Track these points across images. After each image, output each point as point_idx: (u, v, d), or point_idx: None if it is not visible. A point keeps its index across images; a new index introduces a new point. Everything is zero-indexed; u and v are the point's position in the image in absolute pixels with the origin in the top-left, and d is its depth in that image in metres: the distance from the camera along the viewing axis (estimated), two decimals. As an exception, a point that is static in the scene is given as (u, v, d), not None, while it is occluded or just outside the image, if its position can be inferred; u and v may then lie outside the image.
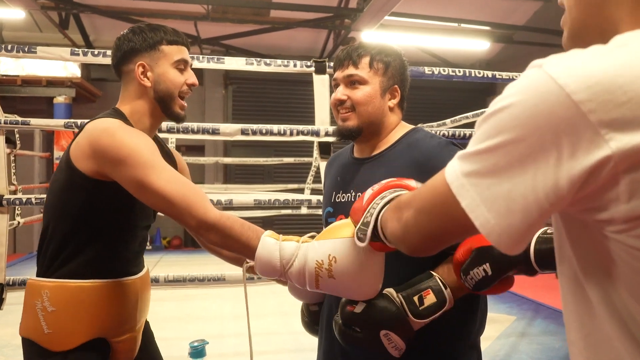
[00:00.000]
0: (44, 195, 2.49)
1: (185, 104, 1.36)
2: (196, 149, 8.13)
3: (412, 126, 1.32)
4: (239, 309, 4.01)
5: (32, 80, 6.97)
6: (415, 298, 1.05)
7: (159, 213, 1.39)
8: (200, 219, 1.10)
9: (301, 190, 6.56)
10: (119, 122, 1.22)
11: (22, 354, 1.29)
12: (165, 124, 2.44)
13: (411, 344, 1.06)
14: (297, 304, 1.31)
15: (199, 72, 2.55)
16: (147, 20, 6.94)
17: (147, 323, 1.50)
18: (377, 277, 1.05)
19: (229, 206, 2.79)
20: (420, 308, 1.04)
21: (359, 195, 1.20)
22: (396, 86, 1.28)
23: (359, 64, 1.25)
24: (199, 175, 8.61)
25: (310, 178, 6.42)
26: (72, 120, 2.37)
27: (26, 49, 2.32)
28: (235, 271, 2.64)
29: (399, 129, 1.30)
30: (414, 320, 1.04)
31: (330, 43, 8.13)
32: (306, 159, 6.58)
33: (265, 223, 8.79)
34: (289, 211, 6.57)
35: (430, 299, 1.05)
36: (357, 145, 1.34)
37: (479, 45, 7.73)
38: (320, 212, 3.16)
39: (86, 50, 2.35)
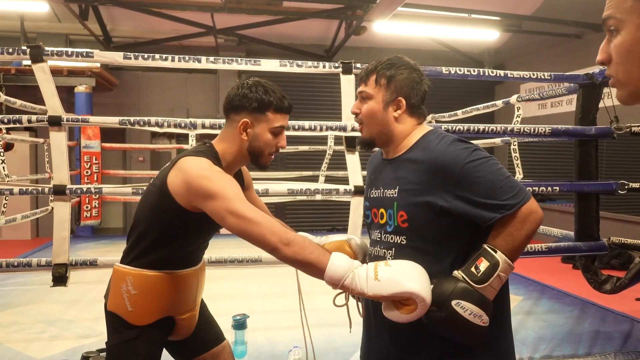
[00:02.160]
0: (102, 186, 2.75)
1: (272, 158, 1.61)
2: (212, 137, 8.34)
3: (430, 128, 1.46)
4: (265, 288, 4.31)
5: (54, 71, 7.04)
6: (472, 269, 1.24)
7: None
8: (282, 236, 1.27)
9: (316, 177, 6.81)
10: (208, 165, 1.44)
11: (73, 328, 1.58)
12: (208, 121, 2.68)
13: (490, 314, 1.21)
14: (316, 284, 1.48)
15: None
16: (164, 12, 7.14)
17: (202, 300, 1.82)
18: (419, 276, 1.22)
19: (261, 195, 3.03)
20: (478, 275, 1.22)
21: (385, 192, 1.45)
22: (400, 98, 1.40)
23: (367, 81, 1.44)
24: (214, 161, 8.85)
25: (324, 165, 6.65)
26: (126, 118, 2.61)
27: (84, 54, 2.56)
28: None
29: (416, 132, 1.43)
30: (477, 286, 1.21)
31: (342, 32, 8.28)
32: (321, 147, 6.79)
33: (278, 209, 9.06)
34: (303, 197, 6.82)
35: (483, 265, 1.23)
36: (383, 150, 1.52)
37: (489, 35, 7.88)
38: (335, 198, 3.38)
39: (137, 54, 2.58)
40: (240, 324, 2.65)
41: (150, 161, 8.84)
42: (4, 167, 4.57)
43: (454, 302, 1.20)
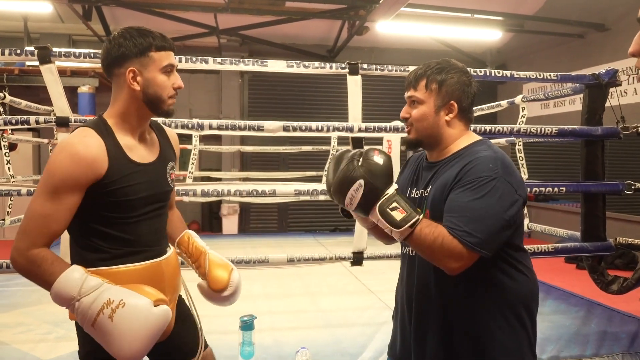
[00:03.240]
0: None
1: (174, 101, 1.45)
2: (214, 137, 8.36)
3: (480, 137, 1.46)
4: (269, 289, 4.31)
5: (58, 71, 7.18)
6: (394, 204, 1.26)
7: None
8: (21, 249, 1.27)
9: (319, 177, 6.81)
10: (76, 140, 1.33)
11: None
12: (216, 122, 2.69)
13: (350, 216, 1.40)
14: (322, 285, 1.45)
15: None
16: (168, 13, 7.15)
17: (181, 299, 1.63)
18: (145, 345, 1.22)
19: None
20: (386, 209, 1.26)
21: (422, 192, 1.45)
22: (452, 102, 1.41)
23: (417, 86, 1.44)
24: (216, 162, 8.86)
25: (327, 166, 6.65)
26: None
27: (92, 55, 2.56)
28: (281, 251, 2.91)
29: (464, 139, 1.44)
30: (376, 207, 1.26)
31: (344, 33, 8.28)
32: (324, 148, 6.79)
33: (280, 209, 9.07)
34: (307, 197, 6.82)
35: (397, 215, 1.26)
36: (427, 152, 1.52)
37: (492, 35, 7.88)
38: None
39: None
40: (248, 325, 2.64)
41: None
42: (9, 168, 4.57)
43: (360, 181, 1.27)
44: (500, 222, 1.26)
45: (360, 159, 1.29)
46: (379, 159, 1.29)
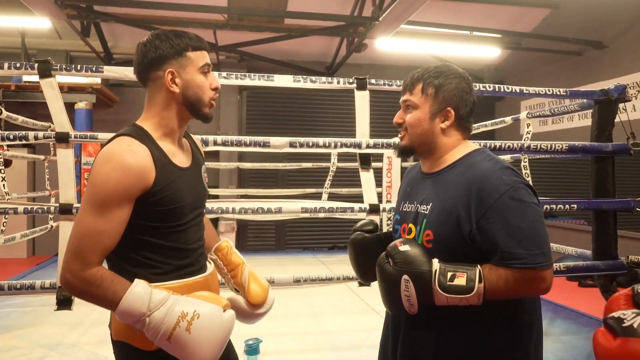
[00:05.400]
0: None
1: (214, 104, 1.42)
2: (212, 154, 8.29)
3: (477, 146, 1.37)
4: (271, 310, 4.19)
5: (54, 87, 7.12)
6: (450, 273, 1.17)
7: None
8: (76, 272, 1.20)
9: (318, 195, 6.73)
10: (114, 151, 1.25)
11: (75, 353, 1.37)
12: (220, 138, 2.61)
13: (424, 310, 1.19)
14: (326, 305, 1.39)
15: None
16: (167, 29, 7.13)
17: None
18: (220, 350, 1.23)
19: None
20: (448, 283, 1.16)
21: (418, 207, 1.37)
22: (449, 108, 1.32)
23: (413, 90, 1.36)
24: (213, 179, 8.76)
25: (328, 182, 6.58)
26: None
27: (94, 69, 2.49)
28: (284, 274, 2.81)
29: (460, 148, 1.35)
30: (436, 288, 1.16)
31: (343, 49, 8.28)
32: (324, 164, 6.73)
33: (278, 226, 8.96)
34: (306, 215, 6.74)
35: (460, 280, 1.16)
36: (421, 162, 1.44)
37: (490, 52, 7.91)
38: (339, 215, 3.32)
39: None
40: (253, 349, 2.55)
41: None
42: (4, 185, 4.46)
43: (405, 277, 1.18)
44: (543, 225, 1.21)
45: (390, 260, 1.23)
46: (405, 248, 1.22)
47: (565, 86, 3.26)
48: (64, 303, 2.50)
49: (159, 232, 1.31)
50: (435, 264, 1.19)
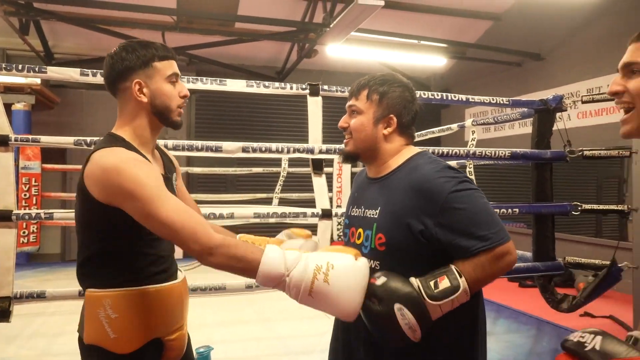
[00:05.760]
0: (54, 210, 2.55)
1: (182, 111, 1.45)
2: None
3: (419, 150, 1.43)
4: (221, 315, 4.14)
5: (-11, 87, 6.74)
6: (432, 283, 1.20)
7: None
8: (204, 244, 1.19)
9: (269, 200, 6.71)
10: (122, 155, 1.29)
11: None
12: (171, 142, 2.56)
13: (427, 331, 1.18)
14: (278, 311, 1.40)
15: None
16: (114, 29, 6.91)
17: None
18: (361, 296, 1.21)
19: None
20: (435, 291, 1.18)
21: (366, 212, 1.41)
22: (392, 115, 1.38)
23: (358, 96, 1.41)
24: (161, 183, 8.54)
25: (278, 188, 6.57)
26: (81, 138, 2.44)
27: (37, 69, 2.39)
28: (236, 280, 2.78)
29: (403, 153, 1.40)
30: (428, 301, 1.17)
31: (294, 54, 8.31)
32: (275, 169, 6.71)
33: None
34: (257, 220, 6.68)
35: (444, 283, 1.19)
36: (367, 167, 1.49)
37: (437, 61, 8.16)
38: (290, 221, 3.33)
39: (95, 71, 2.43)
40: (204, 357, 2.51)
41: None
42: None
43: (397, 306, 1.17)
44: (491, 207, 1.28)
45: (374, 299, 1.20)
46: (381, 280, 1.22)
47: (506, 95, 3.41)
48: (1, 315, 2.36)
49: (140, 240, 1.36)
50: (414, 281, 1.22)
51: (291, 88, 2.80)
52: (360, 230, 1.40)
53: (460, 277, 1.20)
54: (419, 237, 1.27)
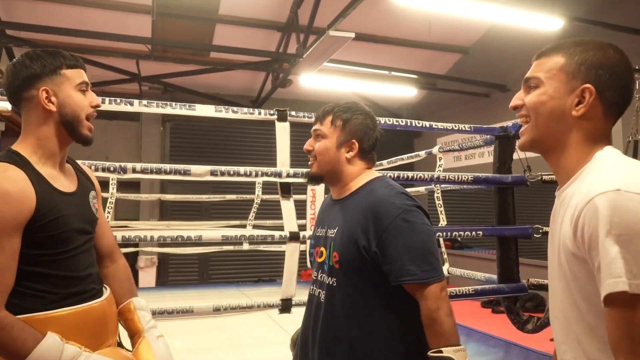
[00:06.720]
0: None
1: (92, 126, 1.37)
2: (132, 185, 8.02)
3: (378, 174, 1.52)
4: (189, 342, 4.08)
5: (-43, 113, 6.65)
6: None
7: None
8: None
9: (243, 226, 6.70)
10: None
11: None
12: (140, 165, 2.59)
13: None
14: (247, 337, 1.39)
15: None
16: (88, 57, 6.94)
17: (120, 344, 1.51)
18: None
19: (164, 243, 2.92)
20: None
21: (327, 231, 1.48)
22: (354, 140, 1.47)
23: (323, 121, 1.51)
24: (134, 211, 8.45)
25: (252, 215, 6.58)
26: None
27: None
28: (203, 302, 2.78)
29: (364, 176, 1.50)
30: None
31: (269, 84, 8.44)
32: (248, 196, 6.73)
33: (201, 260, 8.74)
34: (230, 247, 6.67)
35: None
36: (331, 189, 1.57)
37: (408, 91, 8.39)
38: (263, 248, 3.36)
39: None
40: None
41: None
42: None
43: None
44: (433, 243, 1.34)
45: None
46: None
47: (476, 124, 3.53)
48: None
49: (44, 261, 1.25)
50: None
51: (260, 113, 2.87)
52: (323, 249, 1.48)
53: (442, 352, 1.26)
54: (363, 252, 1.34)
